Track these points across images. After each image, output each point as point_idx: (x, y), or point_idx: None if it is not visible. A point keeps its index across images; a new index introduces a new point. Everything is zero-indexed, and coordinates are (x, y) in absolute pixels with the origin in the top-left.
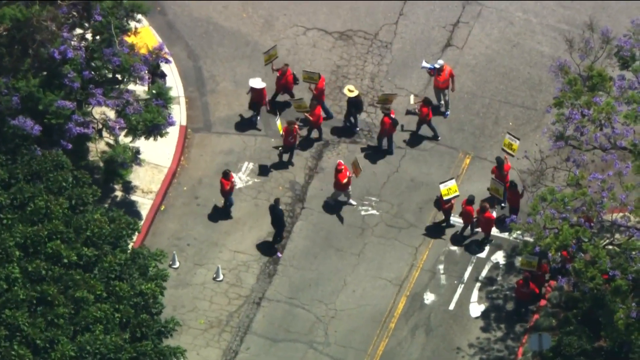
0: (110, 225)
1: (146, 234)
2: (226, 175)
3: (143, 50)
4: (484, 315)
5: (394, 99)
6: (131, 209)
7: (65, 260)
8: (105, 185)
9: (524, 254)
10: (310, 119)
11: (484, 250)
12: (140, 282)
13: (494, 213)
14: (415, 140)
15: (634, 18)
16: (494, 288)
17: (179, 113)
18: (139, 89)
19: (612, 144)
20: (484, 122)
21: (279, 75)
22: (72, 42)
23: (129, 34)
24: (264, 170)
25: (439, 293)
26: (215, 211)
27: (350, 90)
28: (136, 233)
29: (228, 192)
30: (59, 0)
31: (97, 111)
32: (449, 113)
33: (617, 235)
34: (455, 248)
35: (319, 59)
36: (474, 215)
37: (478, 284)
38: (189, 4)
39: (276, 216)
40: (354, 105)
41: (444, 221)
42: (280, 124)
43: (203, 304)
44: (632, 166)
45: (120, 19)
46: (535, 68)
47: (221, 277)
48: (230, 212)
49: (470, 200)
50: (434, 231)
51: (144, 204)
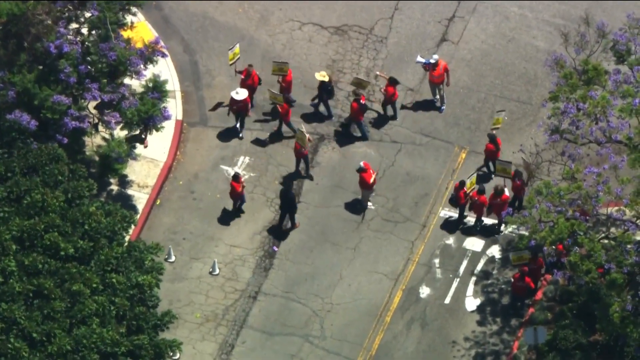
0: (106, 218)
1: (142, 228)
2: (236, 178)
3: (139, 45)
4: (480, 309)
5: (367, 86)
6: (127, 203)
7: (62, 253)
8: (101, 179)
9: (514, 251)
10: (280, 110)
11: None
12: (136, 275)
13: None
14: (405, 135)
15: (629, 12)
16: (490, 282)
17: (175, 107)
18: (135, 83)
19: (608, 138)
20: (479, 117)
21: (243, 77)
22: (68, 37)
23: (125, 28)
24: (259, 165)
25: (435, 287)
26: (211, 205)
27: (323, 76)
28: (132, 226)
29: (239, 195)
30: None
31: (93, 106)
32: (444, 108)
33: (613, 229)
34: (450, 242)
35: (315, 54)
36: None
37: (474, 278)
38: None
39: (289, 200)
40: (326, 91)
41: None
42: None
43: (199, 298)
44: (628, 160)
45: (116, 13)
46: (530, 63)
47: (217, 271)
48: (242, 210)
49: (481, 191)
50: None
51: (140, 198)
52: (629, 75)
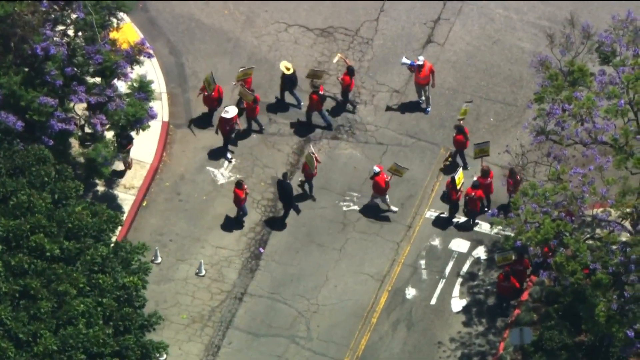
0: (93, 218)
1: (128, 230)
2: (239, 185)
3: (125, 46)
4: (465, 310)
5: (322, 76)
6: (113, 205)
7: (48, 253)
8: (87, 180)
9: (499, 252)
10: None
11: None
12: (122, 276)
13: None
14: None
15: (614, 14)
16: (475, 283)
17: (161, 109)
18: (121, 84)
19: (593, 139)
20: (465, 119)
21: (205, 93)
22: (55, 39)
23: (111, 29)
24: (245, 167)
25: (421, 288)
26: (198, 207)
27: (287, 68)
28: (119, 226)
29: (242, 202)
30: None
31: (79, 107)
32: (430, 109)
33: (598, 230)
34: (436, 243)
35: (300, 55)
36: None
37: (459, 279)
38: (171, 0)
39: (284, 190)
40: (289, 82)
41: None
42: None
43: (185, 299)
44: (613, 161)
45: (103, 16)
46: (516, 64)
47: (203, 273)
48: (243, 222)
49: (475, 185)
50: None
51: (126, 199)
52: (614, 76)
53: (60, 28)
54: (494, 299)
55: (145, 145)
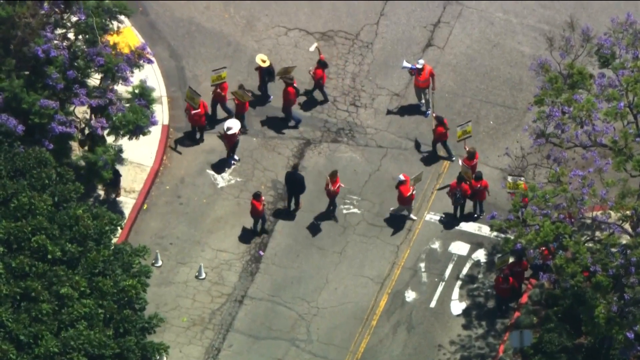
0: (94, 221)
1: (129, 233)
2: (257, 196)
3: (125, 50)
4: (465, 312)
5: (292, 70)
6: (114, 208)
7: (49, 256)
8: (88, 184)
9: (499, 255)
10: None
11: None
12: (123, 278)
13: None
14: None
15: (613, 16)
16: (475, 286)
17: (161, 113)
18: (122, 89)
19: (593, 141)
20: (465, 122)
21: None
22: (55, 42)
23: (111, 33)
24: (246, 170)
25: (420, 291)
26: (198, 210)
27: (263, 61)
28: (119, 229)
29: (260, 214)
30: None
31: (80, 111)
32: (430, 112)
33: (598, 233)
34: (436, 246)
35: (301, 59)
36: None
37: (459, 282)
38: (171, 4)
39: (297, 181)
40: (267, 74)
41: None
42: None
43: (186, 302)
44: (612, 163)
45: (103, 19)
46: (515, 68)
47: (204, 276)
48: (265, 229)
49: (478, 177)
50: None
51: (127, 203)
52: (614, 79)
53: (60, 31)
54: (494, 302)
55: (145, 148)
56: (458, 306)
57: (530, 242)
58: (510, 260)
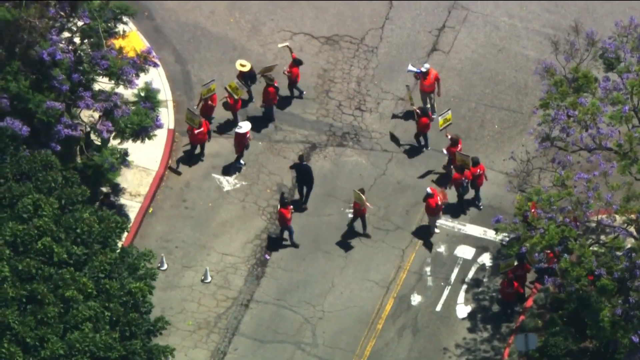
0: (100, 224)
1: (134, 237)
2: (284, 204)
3: (131, 54)
4: (471, 316)
5: (273, 69)
6: (120, 212)
7: (55, 258)
8: (94, 188)
9: (503, 259)
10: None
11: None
12: (129, 281)
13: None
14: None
15: (617, 20)
16: (480, 289)
17: (166, 117)
18: (127, 92)
19: (598, 145)
20: (470, 126)
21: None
22: (61, 45)
23: (117, 37)
24: (251, 173)
25: (426, 294)
26: (203, 214)
27: (243, 65)
28: (125, 232)
29: (288, 222)
30: None
31: (85, 114)
32: (435, 116)
33: (603, 237)
34: (441, 250)
35: (306, 63)
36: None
37: (464, 286)
38: (177, 9)
39: (304, 172)
40: (250, 77)
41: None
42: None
43: (191, 306)
44: (617, 166)
45: (108, 21)
46: (520, 72)
47: (209, 279)
48: (294, 242)
49: (476, 162)
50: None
51: (132, 206)
52: (619, 82)
53: (66, 35)
54: (499, 306)
55: (151, 152)
56: (463, 310)
57: (535, 246)
58: (515, 263)
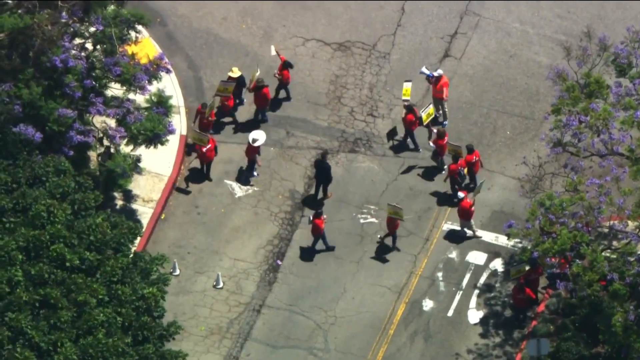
0: (113, 230)
1: (147, 242)
2: (318, 215)
3: (144, 60)
4: (483, 321)
5: (255, 74)
6: (132, 218)
7: (68, 264)
8: (106, 193)
9: (514, 265)
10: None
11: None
12: (142, 286)
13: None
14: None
15: (629, 26)
16: (492, 295)
17: (179, 123)
18: (140, 98)
19: (609, 150)
20: (482, 132)
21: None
22: (73, 52)
23: (129, 43)
24: (263, 179)
25: (438, 300)
26: (216, 219)
27: (234, 72)
28: (138, 238)
29: (322, 232)
30: (59, 2)
31: (98, 120)
32: (446, 123)
33: (615, 242)
34: (453, 255)
35: (318, 70)
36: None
37: (476, 291)
38: (189, 15)
39: (323, 170)
40: (243, 84)
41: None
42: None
43: (203, 311)
44: (629, 171)
45: (121, 29)
46: (532, 78)
47: (221, 285)
48: (332, 248)
49: (470, 149)
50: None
51: (145, 212)
52: (630, 88)
53: (78, 41)
54: (511, 311)
55: (163, 158)
56: (475, 315)
57: (547, 251)
58: (526, 268)
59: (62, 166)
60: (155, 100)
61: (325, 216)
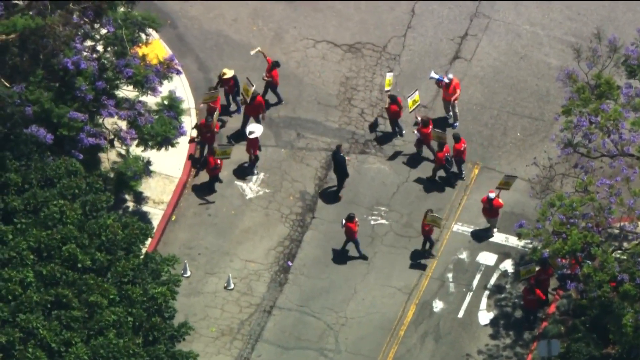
0: (124, 231)
1: (157, 244)
2: (351, 219)
3: (154, 62)
4: (493, 322)
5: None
6: (143, 219)
7: (79, 265)
8: (117, 195)
9: (524, 265)
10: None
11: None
12: (152, 287)
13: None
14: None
15: (639, 27)
16: (503, 296)
17: (189, 124)
18: (151, 100)
19: (620, 151)
20: (492, 133)
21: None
22: (84, 53)
23: (140, 45)
24: (274, 181)
25: (448, 301)
26: (226, 221)
27: (227, 73)
28: (149, 239)
29: (355, 235)
30: (71, 4)
31: (109, 122)
32: (457, 124)
33: (625, 244)
34: (464, 256)
35: (328, 71)
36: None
37: (487, 292)
38: (200, 17)
39: (337, 162)
40: (236, 84)
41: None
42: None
43: (214, 312)
44: (639, 172)
45: (132, 31)
46: (542, 80)
47: (232, 286)
48: (362, 253)
49: (457, 138)
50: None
51: (156, 214)
52: None
53: (89, 43)
54: (521, 312)
55: (173, 159)
56: (486, 316)
57: (557, 251)
58: (536, 269)
59: (73, 167)
60: (166, 102)
61: (357, 219)
